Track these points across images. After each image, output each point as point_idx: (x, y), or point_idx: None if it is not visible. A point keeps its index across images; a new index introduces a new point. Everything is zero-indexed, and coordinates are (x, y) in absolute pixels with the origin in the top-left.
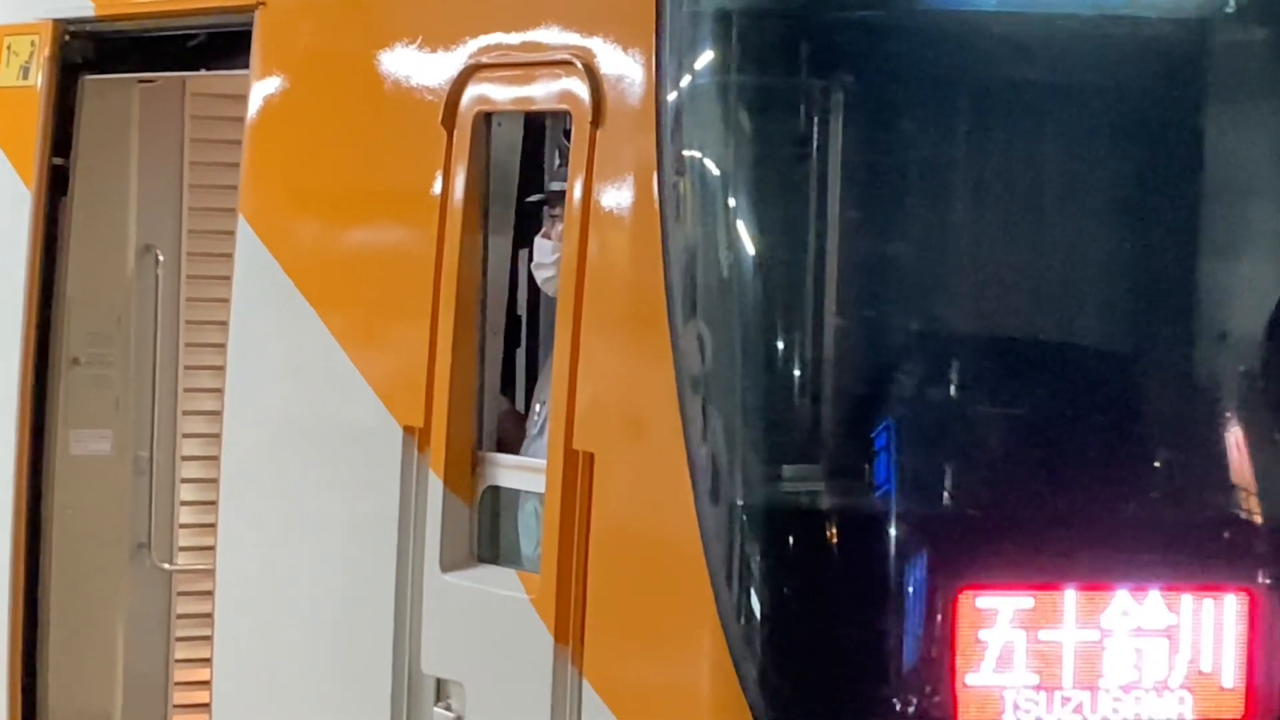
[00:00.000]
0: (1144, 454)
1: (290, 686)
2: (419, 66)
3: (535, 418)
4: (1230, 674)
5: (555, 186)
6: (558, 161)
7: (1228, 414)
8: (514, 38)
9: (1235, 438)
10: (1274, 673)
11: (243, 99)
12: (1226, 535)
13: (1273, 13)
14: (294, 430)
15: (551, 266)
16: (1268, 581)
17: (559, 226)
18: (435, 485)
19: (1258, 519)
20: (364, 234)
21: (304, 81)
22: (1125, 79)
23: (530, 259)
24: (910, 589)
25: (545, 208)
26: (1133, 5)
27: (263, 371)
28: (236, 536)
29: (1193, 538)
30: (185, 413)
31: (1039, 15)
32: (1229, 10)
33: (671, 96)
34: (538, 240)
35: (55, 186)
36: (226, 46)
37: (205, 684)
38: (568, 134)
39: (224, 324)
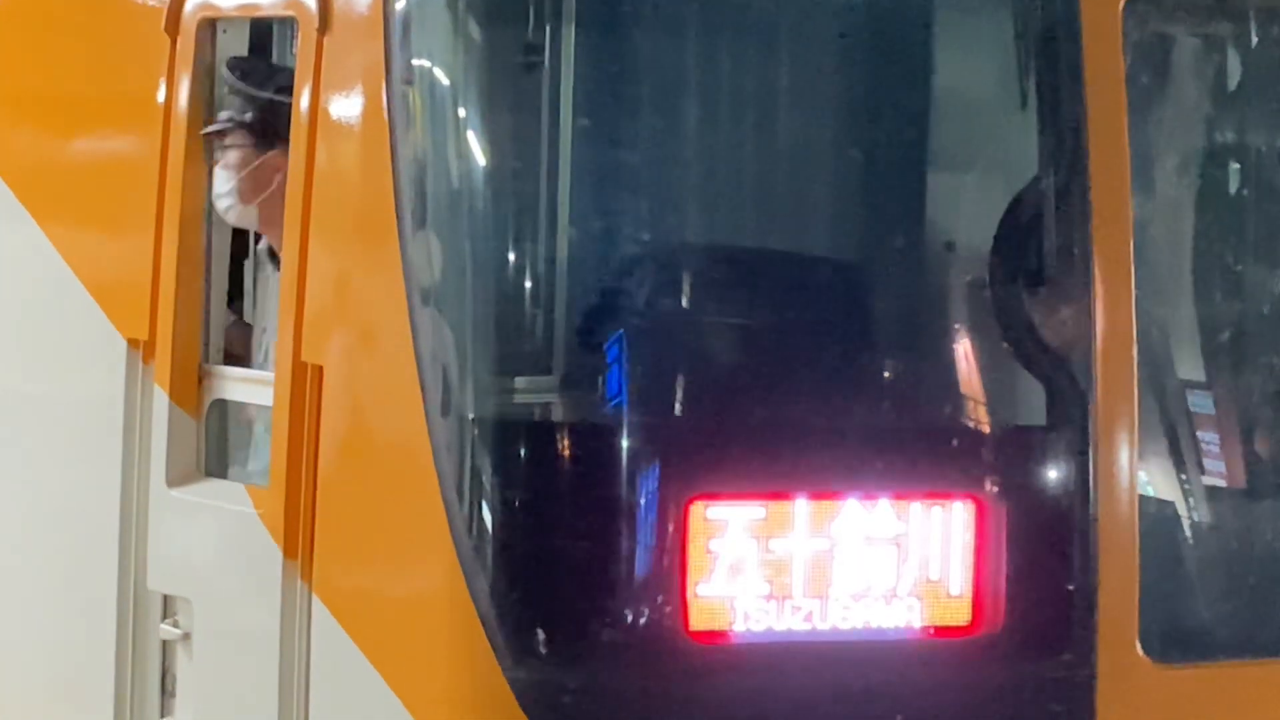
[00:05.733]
0: (873, 364)
1: (12, 605)
2: None
3: (259, 339)
4: (958, 581)
5: (224, 116)
6: (225, 89)
7: (955, 324)
8: None
9: (963, 347)
10: (1000, 580)
11: None
12: (955, 444)
13: None
14: (15, 343)
15: (229, 195)
16: (995, 489)
17: (230, 155)
18: (161, 399)
19: (985, 428)
20: (86, 142)
21: None
22: None
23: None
24: (641, 500)
25: (216, 138)
26: None
27: None
28: None
29: (921, 446)
30: None
31: None
32: None
33: (400, 3)
34: (215, 170)
35: None
36: None
37: None
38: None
39: None
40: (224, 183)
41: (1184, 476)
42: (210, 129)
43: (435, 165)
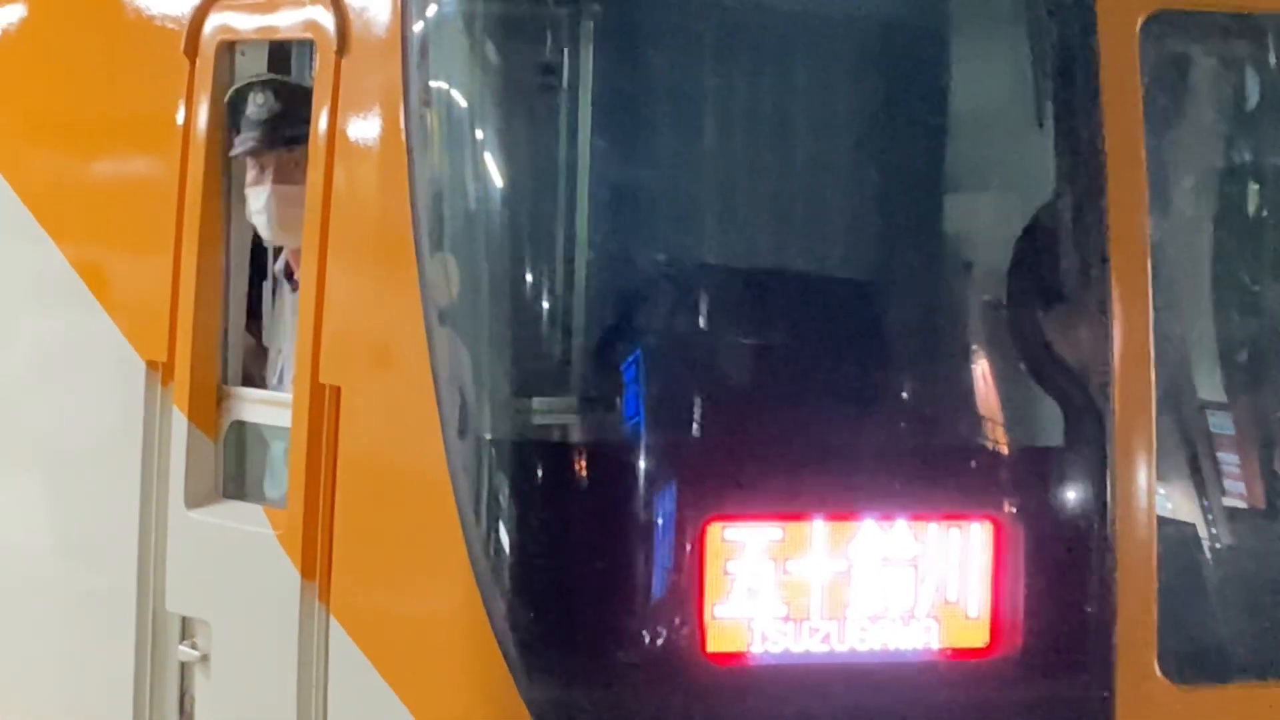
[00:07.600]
0: (891, 384)
1: (32, 626)
2: None
3: (274, 361)
4: (976, 603)
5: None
6: (252, 109)
7: (973, 344)
8: None
9: (981, 368)
10: (1019, 601)
11: None
12: (972, 464)
13: None
14: (34, 365)
15: (262, 212)
16: (1013, 510)
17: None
18: (179, 421)
19: (1003, 448)
20: (105, 165)
21: (42, 7)
22: (875, 8)
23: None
24: (659, 521)
25: (249, 159)
26: None
27: (1, 305)
28: None
29: (939, 467)
30: None
31: None
32: None
33: (418, 26)
34: (248, 190)
35: None
36: None
37: None
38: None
39: None
40: (261, 198)
41: (1203, 497)
42: (236, 153)
43: (453, 186)
